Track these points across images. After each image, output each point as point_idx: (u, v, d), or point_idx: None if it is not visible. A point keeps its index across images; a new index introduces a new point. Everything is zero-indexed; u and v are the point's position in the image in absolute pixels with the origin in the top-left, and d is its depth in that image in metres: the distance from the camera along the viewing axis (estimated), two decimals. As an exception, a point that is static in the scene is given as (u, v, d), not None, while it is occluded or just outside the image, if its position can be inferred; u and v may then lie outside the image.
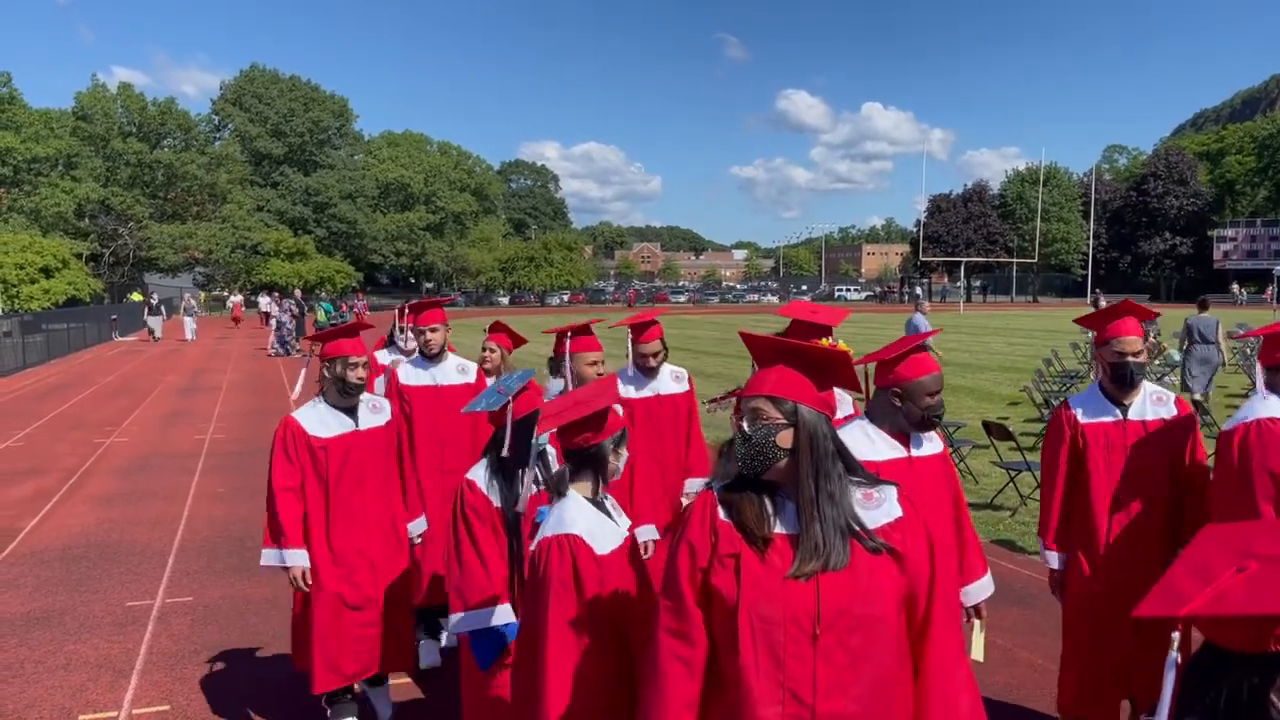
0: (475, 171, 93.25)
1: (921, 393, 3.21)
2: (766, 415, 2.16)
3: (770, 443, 2.14)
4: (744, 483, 2.21)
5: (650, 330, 5.16)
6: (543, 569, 2.74)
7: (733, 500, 2.19)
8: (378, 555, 4.39)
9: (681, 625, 2.18)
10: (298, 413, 4.35)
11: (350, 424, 4.37)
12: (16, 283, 43.66)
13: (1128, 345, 3.85)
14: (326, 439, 4.29)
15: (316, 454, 4.27)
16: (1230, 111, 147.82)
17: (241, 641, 5.85)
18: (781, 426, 2.15)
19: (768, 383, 2.20)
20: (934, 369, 3.25)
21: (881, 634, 2.11)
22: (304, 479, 4.27)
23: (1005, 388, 17.90)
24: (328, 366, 4.33)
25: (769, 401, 2.17)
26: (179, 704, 4.98)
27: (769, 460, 2.15)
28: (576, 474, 2.92)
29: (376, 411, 4.50)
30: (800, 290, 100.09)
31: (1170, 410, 3.94)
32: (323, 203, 76.70)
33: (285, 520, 4.24)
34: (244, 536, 8.20)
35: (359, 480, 4.36)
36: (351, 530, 4.33)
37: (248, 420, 15.24)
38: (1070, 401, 4.09)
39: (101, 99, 63.93)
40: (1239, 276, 76.43)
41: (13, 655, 5.65)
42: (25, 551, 7.84)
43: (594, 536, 2.77)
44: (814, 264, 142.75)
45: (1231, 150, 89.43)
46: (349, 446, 4.33)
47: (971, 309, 63.43)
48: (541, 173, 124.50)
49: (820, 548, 2.10)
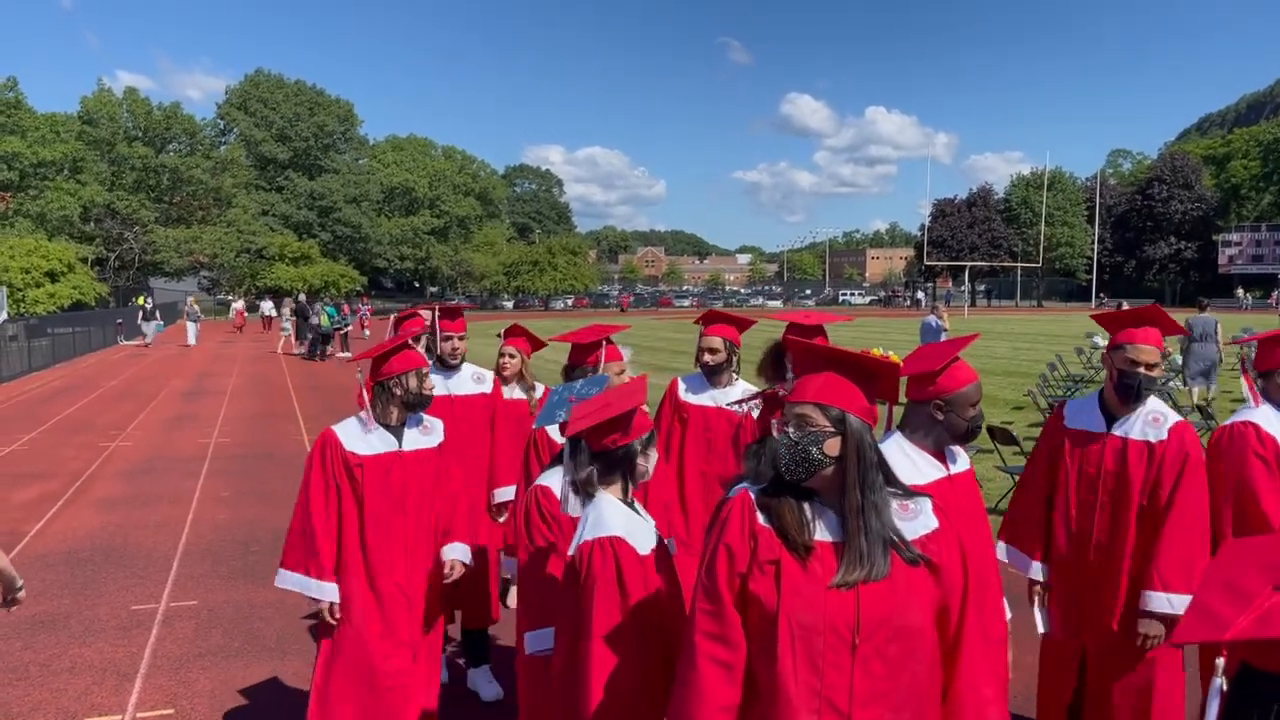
0: (480, 176, 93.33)
1: (965, 403, 3.05)
2: (814, 422, 2.13)
3: (818, 450, 2.13)
4: (782, 487, 2.19)
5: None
6: (585, 572, 2.72)
7: (772, 505, 2.18)
8: (416, 592, 3.97)
9: (721, 629, 2.16)
10: (338, 426, 3.97)
11: (394, 444, 3.95)
12: (22, 286, 43.78)
13: (1143, 354, 3.54)
14: (365, 456, 3.90)
15: (353, 472, 3.88)
16: (1235, 116, 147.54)
17: (246, 645, 5.86)
18: (829, 434, 2.14)
19: (815, 389, 2.18)
20: (975, 377, 3.12)
21: (918, 645, 2.12)
22: (340, 499, 3.89)
23: (1009, 392, 17.88)
24: (396, 382, 3.90)
25: (816, 408, 2.15)
26: (183, 708, 4.99)
27: (814, 468, 2.13)
28: (606, 475, 2.91)
29: (427, 433, 4.08)
30: (804, 294, 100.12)
31: (1160, 435, 3.54)
32: (327, 207, 76.80)
33: (320, 545, 3.82)
34: (248, 540, 8.22)
35: (398, 505, 3.92)
36: (390, 561, 3.91)
37: (253, 424, 15.26)
38: (1068, 403, 3.87)
39: (107, 103, 64.11)
40: (1244, 281, 76.30)
41: (18, 658, 5.66)
42: (30, 555, 7.86)
43: (634, 537, 2.77)
44: (818, 268, 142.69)
45: (1237, 155, 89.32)
46: (389, 468, 3.91)
47: (975, 313, 63.32)
48: (546, 177, 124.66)
49: (864, 557, 2.10)
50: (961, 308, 63.68)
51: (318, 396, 19.16)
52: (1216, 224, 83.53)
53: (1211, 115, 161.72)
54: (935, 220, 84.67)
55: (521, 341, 5.56)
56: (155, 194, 66.52)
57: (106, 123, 63.23)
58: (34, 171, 58.98)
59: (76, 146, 61.23)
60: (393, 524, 3.91)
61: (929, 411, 3.07)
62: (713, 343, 4.64)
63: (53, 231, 56.81)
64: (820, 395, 2.16)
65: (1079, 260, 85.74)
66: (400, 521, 3.92)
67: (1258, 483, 3.51)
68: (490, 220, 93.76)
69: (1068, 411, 3.79)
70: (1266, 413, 3.65)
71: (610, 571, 2.69)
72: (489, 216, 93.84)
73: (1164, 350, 3.72)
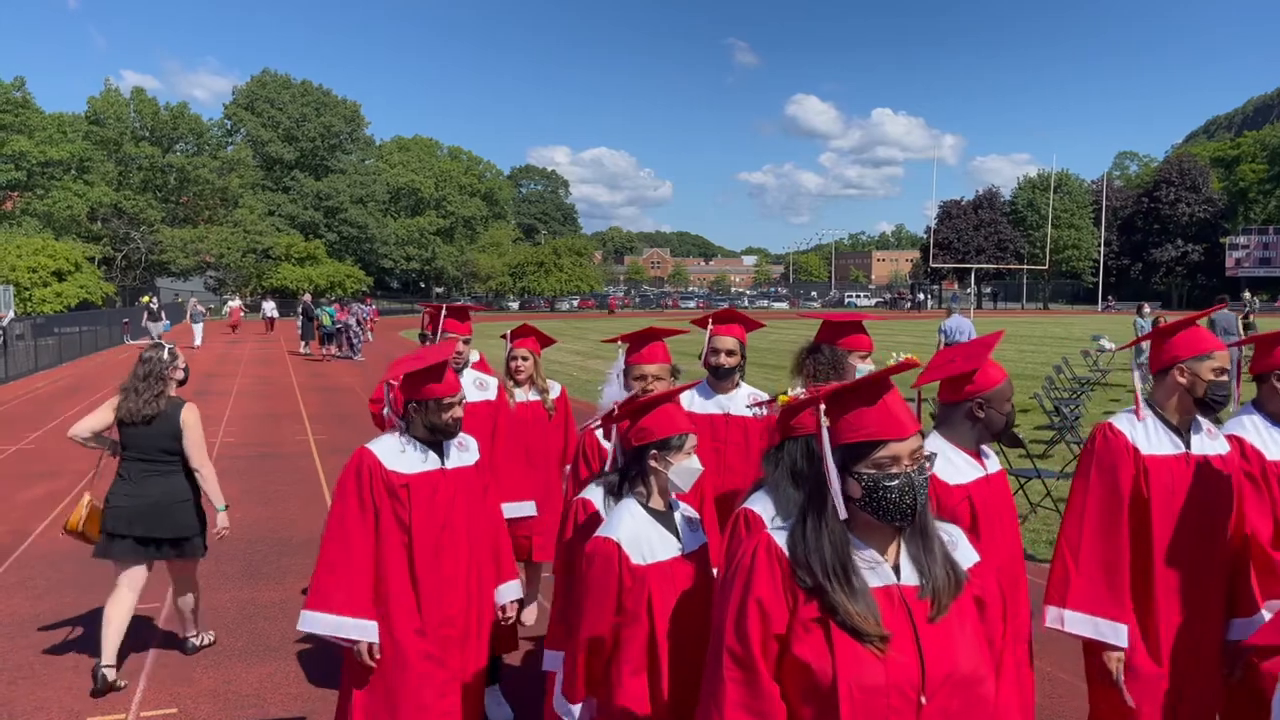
0: (485, 176, 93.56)
1: (1002, 399, 3.03)
2: (924, 453, 1.94)
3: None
4: (817, 526, 1.96)
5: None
6: (583, 570, 2.75)
7: (814, 552, 1.94)
8: (467, 621, 3.63)
9: (756, 702, 1.94)
10: (374, 444, 3.58)
11: (436, 460, 3.60)
12: (29, 285, 43.95)
13: (1224, 360, 3.20)
14: (409, 476, 3.52)
15: (397, 493, 3.48)
16: (1243, 119, 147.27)
17: (249, 645, 5.85)
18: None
19: (913, 421, 1.97)
20: (1006, 373, 3.08)
21: (983, 694, 1.96)
22: (378, 524, 3.49)
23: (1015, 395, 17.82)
24: (417, 408, 3.57)
25: (920, 436, 1.97)
26: (186, 707, 4.99)
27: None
28: (630, 479, 2.86)
29: (464, 449, 3.75)
30: (810, 296, 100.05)
31: (1223, 446, 3.27)
32: (334, 207, 76.97)
33: (357, 578, 3.40)
34: (253, 540, 8.22)
35: (446, 528, 3.57)
36: (440, 590, 3.54)
37: (258, 424, 15.28)
38: (1115, 424, 3.28)
39: (114, 103, 64.34)
40: (1251, 284, 76.12)
41: (22, 657, 5.67)
42: (36, 553, 7.87)
43: (636, 544, 2.72)
44: (824, 270, 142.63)
45: (1245, 158, 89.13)
46: (435, 486, 3.55)
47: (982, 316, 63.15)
48: (551, 178, 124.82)
49: (941, 594, 1.94)
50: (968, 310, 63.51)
51: (323, 397, 19.19)
52: (1224, 227, 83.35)
53: (1219, 118, 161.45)
54: (941, 222, 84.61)
55: (532, 342, 5.41)
56: (162, 194, 66.78)
57: (114, 123, 63.47)
58: (41, 171, 59.21)
59: (84, 146, 61.45)
60: (442, 549, 3.55)
61: (968, 410, 3.04)
62: (728, 343, 4.23)
63: (60, 231, 57.01)
64: (917, 425, 1.98)
65: (1085, 263, 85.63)
66: (450, 546, 3.57)
67: (1246, 502, 3.28)
68: (496, 221, 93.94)
69: (1133, 436, 3.23)
70: (1251, 423, 3.40)
71: (596, 574, 2.70)
72: (495, 217, 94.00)
73: None
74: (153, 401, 5.41)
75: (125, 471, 5.42)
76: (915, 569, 1.95)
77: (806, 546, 1.94)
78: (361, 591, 3.41)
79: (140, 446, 5.42)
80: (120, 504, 5.32)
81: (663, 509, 2.86)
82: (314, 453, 12.60)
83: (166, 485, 5.41)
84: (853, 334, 3.80)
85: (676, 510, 2.91)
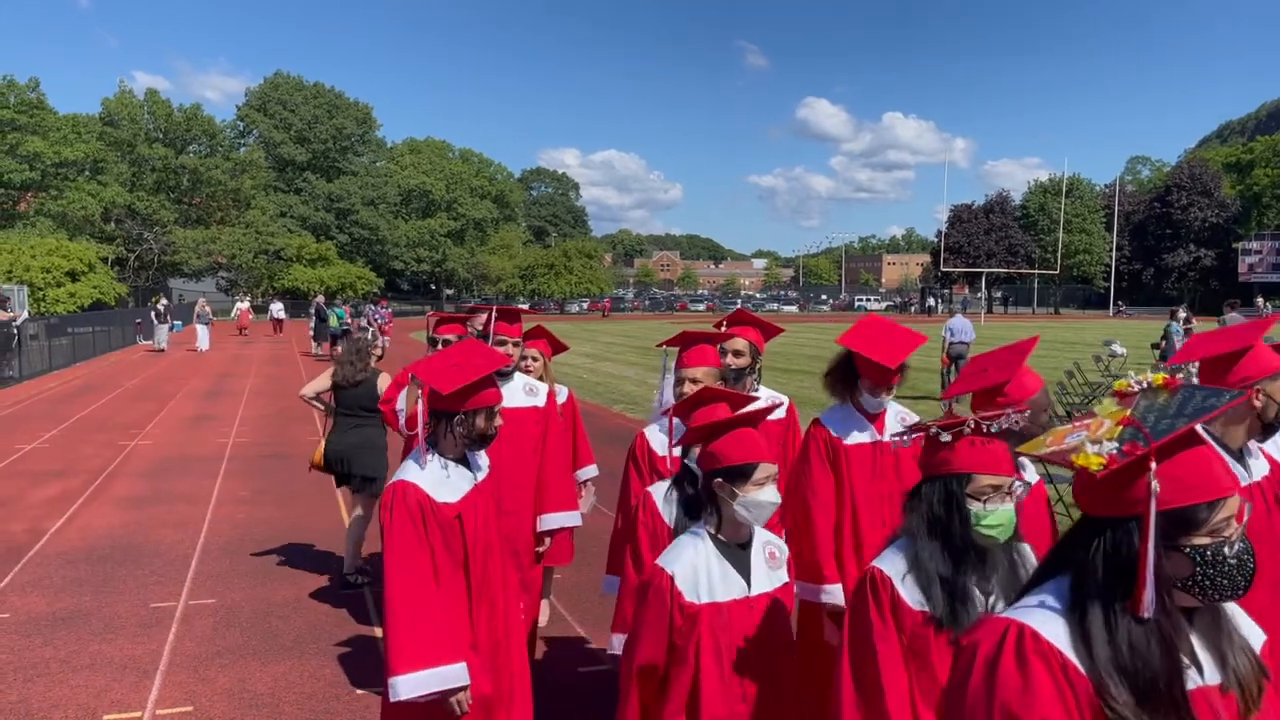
0: (496, 179, 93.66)
1: (1040, 409, 2.90)
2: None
3: None
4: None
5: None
6: (640, 596, 2.67)
7: (1123, 656, 1.51)
8: (515, 642, 3.39)
9: None
10: (411, 475, 3.17)
11: (470, 477, 3.29)
12: (43, 286, 44.15)
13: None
14: (458, 504, 3.19)
15: (448, 527, 3.15)
16: (1256, 123, 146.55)
17: (264, 643, 5.89)
18: None
19: None
20: (1042, 381, 2.96)
21: None
22: (434, 560, 3.13)
23: (1027, 399, 17.79)
24: (462, 417, 3.21)
25: None
26: (202, 705, 5.02)
27: None
28: (697, 505, 2.70)
29: (483, 457, 3.47)
30: (820, 300, 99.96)
31: (1264, 467, 3.00)
32: (345, 209, 77.19)
33: (442, 624, 3.05)
34: (266, 539, 8.27)
35: (491, 548, 3.30)
36: (494, 616, 3.27)
37: (271, 424, 15.34)
38: None
39: (128, 104, 64.63)
40: (1264, 290, 75.64)
41: (38, 655, 5.71)
42: (51, 552, 7.92)
43: (690, 580, 2.56)
44: (834, 274, 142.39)
45: (1259, 163, 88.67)
46: (476, 505, 3.27)
47: (992, 320, 63.01)
48: (562, 180, 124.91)
49: (1250, 694, 1.58)
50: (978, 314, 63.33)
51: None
52: (1236, 231, 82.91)
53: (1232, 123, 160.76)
54: (952, 226, 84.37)
55: (543, 344, 5.30)
56: (175, 195, 67.05)
57: (128, 124, 63.75)
58: (55, 172, 59.49)
59: (97, 147, 61.73)
60: (489, 570, 3.27)
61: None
62: (736, 344, 4.04)
63: (73, 231, 57.26)
64: None
65: (1097, 267, 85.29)
66: (496, 565, 3.31)
67: None
68: (506, 223, 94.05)
69: None
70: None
71: (650, 605, 2.60)
72: (505, 219, 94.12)
73: None
74: (360, 370, 7.02)
75: (338, 423, 7.10)
76: (1212, 659, 1.58)
77: (1118, 653, 1.51)
78: (449, 634, 3.07)
79: (347, 404, 7.05)
80: (332, 446, 7.01)
81: (735, 541, 2.63)
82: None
83: (362, 435, 6.99)
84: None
85: (754, 542, 2.66)
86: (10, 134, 57.47)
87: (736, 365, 4.05)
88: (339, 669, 5.47)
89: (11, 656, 5.68)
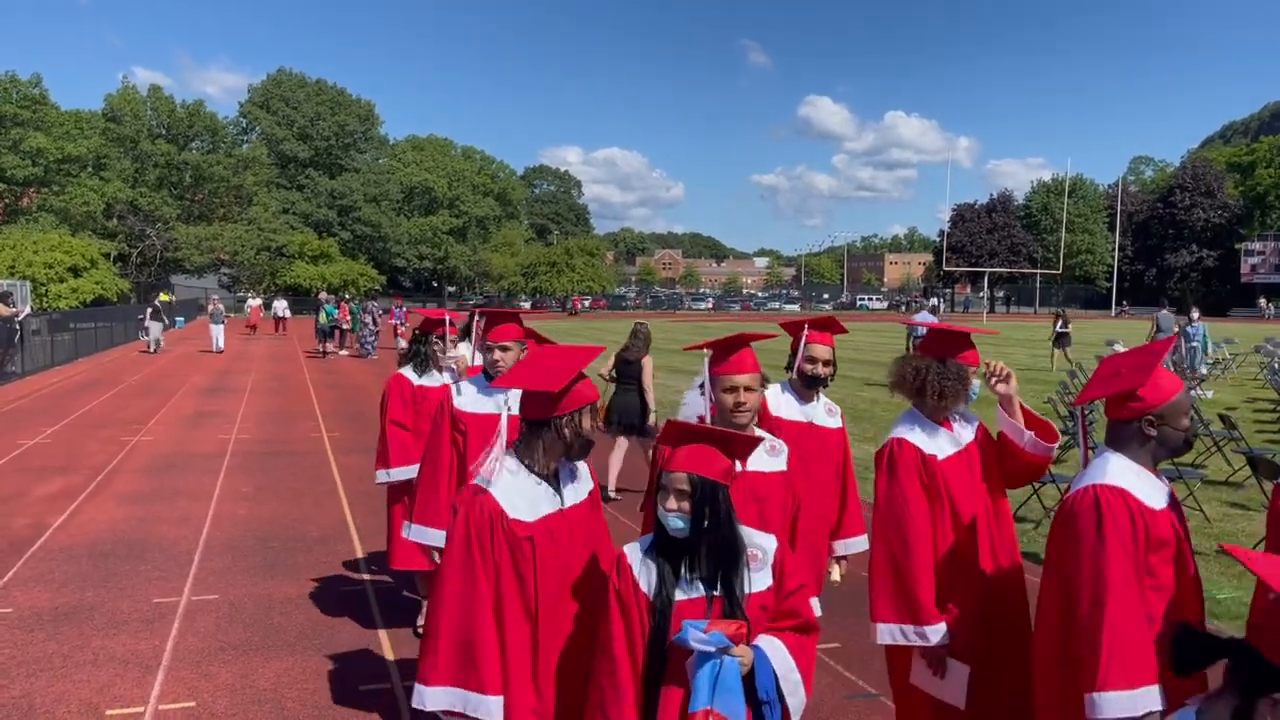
0: (498, 176, 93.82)
1: (1179, 413, 2.74)
2: None
3: None
4: None
5: None
6: None
7: None
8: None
9: None
10: (489, 484, 2.86)
11: (556, 500, 2.93)
12: (45, 281, 44.23)
13: None
14: (533, 524, 2.86)
15: (519, 547, 2.83)
16: (1259, 124, 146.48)
17: (266, 639, 5.89)
18: None
19: None
20: (1181, 384, 2.79)
21: None
22: (499, 582, 2.83)
23: (1029, 399, 17.65)
24: (568, 419, 2.88)
25: None
26: (204, 700, 5.02)
27: None
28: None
29: (580, 480, 3.07)
30: (822, 299, 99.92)
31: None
32: (347, 206, 77.29)
33: (484, 650, 2.78)
34: (268, 536, 8.27)
35: (567, 583, 2.93)
36: (565, 659, 2.91)
37: (273, 421, 15.36)
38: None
39: (131, 101, 64.73)
40: (1266, 291, 75.69)
41: (41, 650, 5.72)
42: (54, 547, 7.93)
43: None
44: (836, 273, 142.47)
45: (1261, 163, 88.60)
46: (554, 532, 2.90)
47: (995, 320, 63.01)
48: (564, 178, 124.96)
49: None
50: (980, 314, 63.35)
51: (336, 395, 19.26)
52: (1239, 232, 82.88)
53: (1235, 123, 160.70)
54: (955, 226, 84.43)
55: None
56: (177, 191, 67.18)
57: (130, 120, 63.85)
58: (58, 167, 59.62)
59: (100, 143, 61.84)
60: (563, 609, 2.92)
61: (1137, 429, 2.76)
62: (825, 352, 4.30)
63: (76, 227, 57.39)
64: None
65: (1099, 267, 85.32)
66: (575, 605, 2.95)
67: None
68: (509, 221, 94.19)
69: None
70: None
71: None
72: (507, 217, 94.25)
73: None
74: (634, 350, 9.77)
75: (616, 389, 9.78)
76: None
77: None
78: (491, 664, 2.79)
79: (623, 375, 9.80)
80: (612, 405, 9.70)
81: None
82: (328, 450, 12.66)
83: (628, 398, 9.73)
84: (966, 349, 3.53)
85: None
86: (13, 129, 57.58)
87: (825, 374, 4.29)
88: (342, 665, 5.48)
89: (15, 651, 5.68)
